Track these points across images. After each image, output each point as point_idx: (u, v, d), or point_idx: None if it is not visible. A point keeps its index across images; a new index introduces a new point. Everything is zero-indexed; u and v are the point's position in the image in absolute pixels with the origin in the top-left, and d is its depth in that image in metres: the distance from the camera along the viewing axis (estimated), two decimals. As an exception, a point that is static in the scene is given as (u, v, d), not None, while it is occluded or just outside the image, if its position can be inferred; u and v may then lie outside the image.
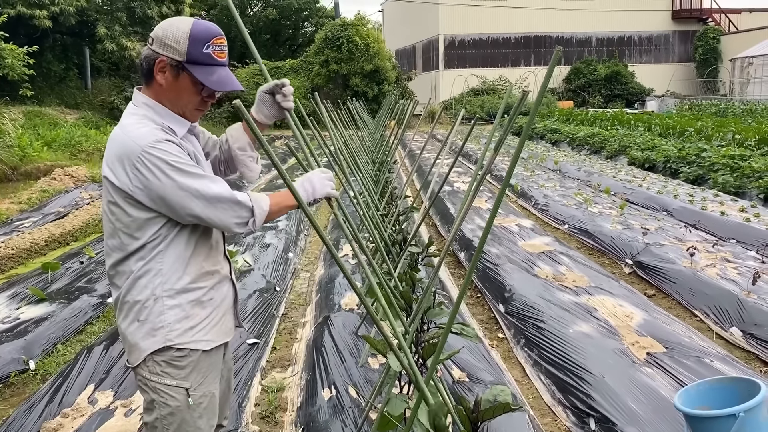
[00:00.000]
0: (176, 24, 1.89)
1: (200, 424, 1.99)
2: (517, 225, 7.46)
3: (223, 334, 2.08)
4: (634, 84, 35.32)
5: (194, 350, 1.96)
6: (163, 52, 1.88)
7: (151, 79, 1.93)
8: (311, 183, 2.01)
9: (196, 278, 1.97)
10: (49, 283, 5.61)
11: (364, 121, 12.30)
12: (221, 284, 2.07)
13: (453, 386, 3.44)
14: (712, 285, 4.95)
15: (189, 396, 1.95)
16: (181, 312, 1.94)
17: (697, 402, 2.61)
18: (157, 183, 1.81)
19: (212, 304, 2.02)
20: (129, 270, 1.92)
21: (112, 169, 1.86)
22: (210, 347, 2.00)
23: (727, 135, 13.73)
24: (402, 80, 30.79)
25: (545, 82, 1.40)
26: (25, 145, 14.62)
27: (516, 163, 1.41)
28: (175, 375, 1.93)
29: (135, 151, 1.81)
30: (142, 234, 1.89)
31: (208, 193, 1.83)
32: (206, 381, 2.01)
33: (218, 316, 2.05)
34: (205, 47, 1.88)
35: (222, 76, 1.92)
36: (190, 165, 1.85)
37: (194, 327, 1.96)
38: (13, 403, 3.68)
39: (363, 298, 1.82)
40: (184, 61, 1.88)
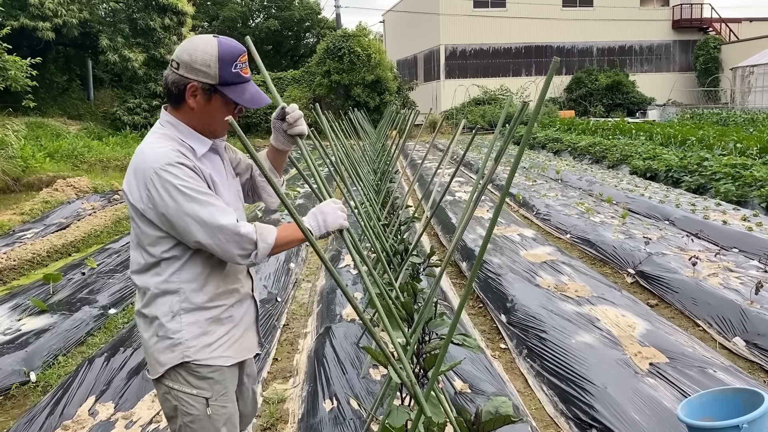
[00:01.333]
0: (202, 47, 1.88)
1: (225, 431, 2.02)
2: (519, 234, 7.45)
3: (244, 350, 2.09)
4: (636, 93, 35.38)
5: (213, 365, 1.98)
6: (193, 77, 1.89)
7: (181, 103, 1.94)
8: (323, 215, 1.98)
9: (215, 296, 1.98)
10: (51, 294, 5.61)
11: (365, 131, 12.31)
12: (242, 302, 2.07)
13: (455, 397, 3.42)
14: (714, 294, 4.93)
15: (209, 406, 1.98)
16: (198, 329, 1.95)
17: (700, 413, 2.60)
18: (163, 205, 1.83)
19: (231, 321, 2.03)
20: (147, 284, 1.95)
21: (129, 184, 1.90)
22: (229, 363, 2.02)
23: (729, 144, 13.73)
24: (403, 90, 30.88)
25: (543, 93, 1.40)
26: (28, 156, 14.67)
27: (515, 172, 1.41)
28: (195, 385, 1.97)
29: (148, 171, 1.83)
30: (156, 250, 1.91)
31: (212, 223, 1.83)
32: (227, 392, 2.04)
33: (238, 333, 2.05)
34: (233, 67, 1.90)
35: (253, 93, 1.95)
36: (199, 191, 1.85)
37: (212, 344, 1.98)
38: (14, 415, 3.67)
39: (360, 313, 1.81)
40: (216, 84, 1.90)
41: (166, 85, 1.95)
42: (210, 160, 2.01)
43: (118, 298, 5.68)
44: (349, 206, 3.09)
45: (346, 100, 27.69)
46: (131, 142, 19.87)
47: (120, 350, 4.25)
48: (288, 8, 40.35)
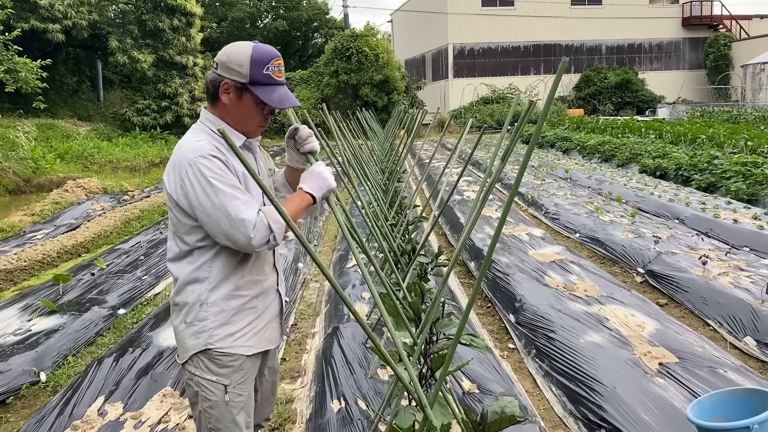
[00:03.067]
0: (238, 49, 2.03)
1: (238, 419, 2.10)
2: (528, 234, 7.43)
3: (266, 341, 2.18)
4: (645, 91, 35.18)
5: (234, 354, 2.08)
6: (227, 76, 2.03)
7: (216, 100, 2.09)
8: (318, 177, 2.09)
9: (240, 286, 2.08)
10: (61, 294, 5.65)
11: (373, 131, 12.31)
12: (266, 294, 2.16)
13: (463, 397, 3.41)
14: (725, 294, 4.89)
15: (227, 393, 2.08)
16: (223, 318, 2.06)
17: (710, 413, 2.58)
18: (194, 194, 1.95)
19: (255, 312, 2.12)
20: (180, 272, 2.08)
21: (167, 174, 2.05)
22: (250, 353, 2.11)
23: (740, 142, 13.63)
24: (411, 90, 30.85)
25: (551, 93, 1.39)
26: (38, 158, 14.78)
27: (524, 172, 1.40)
28: (215, 372, 2.07)
29: (183, 162, 1.98)
30: (190, 239, 2.04)
31: (236, 216, 1.92)
32: (246, 381, 2.13)
33: (261, 324, 2.14)
34: (265, 69, 2.02)
35: (282, 95, 2.06)
36: (227, 183, 1.95)
37: (235, 333, 2.08)
38: (24, 416, 3.69)
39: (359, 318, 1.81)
40: (247, 82, 2.02)
41: (206, 83, 2.10)
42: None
43: (127, 298, 5.70)
44: (357, 206, 3.10)
45: (354, 99, 27.70)
46: (140, 143, 19.97)
47: (129, 350, 4.27)
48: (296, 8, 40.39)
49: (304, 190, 2.07)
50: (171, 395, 3.70)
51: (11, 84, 15.96)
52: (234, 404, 2.09)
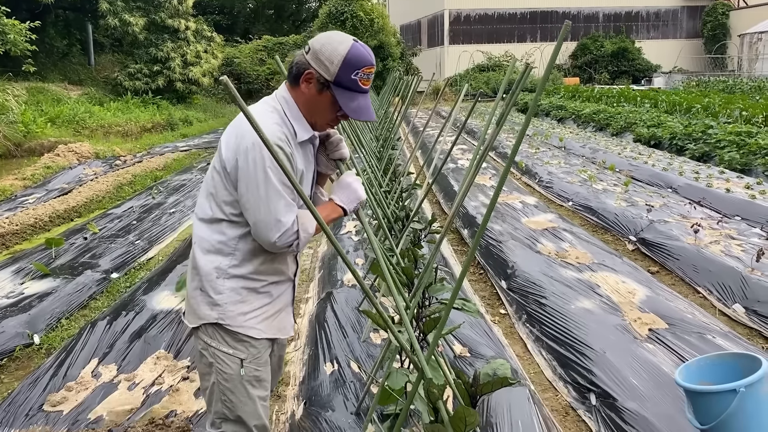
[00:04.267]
0: (335, 44, 1.93)
1: (252, 394, 2.09)
2: (521, 202, 7.44)
3: (276, 328, 2.14)
4: (641, 60, 34.92)
5: (245, 334, 2.06)
6: (315, 66, 1.93)
7: (297, 84, 2.00)
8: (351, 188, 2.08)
9: (260, 270, 2.05)
10: (53, 258, 5.63)
11: (367, 98, 12.20)
12: (282, 283, 2.13)
13: (454, 361, 3.45)
14: (715, 262, 4.93)
15: (243, 367, 2.06)
16: (237, 296, 2.03)
17: (698, 377, 2.61)
18: (246, 175, 1.90)
19: (269, 296, 2.09)
20: (206, 237, 2.03)
21: (228, 137, 1.97)
22: (259, 336, 2.07)
23: (735, 112, 13.61)
24: (407, 56, 30.51)
25: (553, 56, 1.37)
26: (29, 122, 14.60)
27: (522, 140, 1.39)
28: (232, 345, 2.05)
29: (248, 139, 1.89)
30: (226, 209, 1.99)
31: (274, 214, 1.90)
32: (262, 357, 2.11)
33: (272, 310, 2.11)
34: (354, 74, 1.92)
35: (361, 105, 1.97)
36: (281, 180, 1.90)
37: (247, 313, 2.05)
38: (18, 377, 3.71)
39: (358, 276, 1.81)
40: (331, 81, 1.93)
41: (292, 63, 2.02)
42: (305, 149, 2.05)
43: (120, 262, 5.70)
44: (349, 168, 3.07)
45: (349, 66, 27.35)
46: (132, 108, 19.74)
47: (122, 314, 4.28)
48: (290, -28, 39.68)
49: (335, 202, 2.05)
50: (164, 357, 3.73)
51: (0, 46, 15.68)
52: (249, 379, 2.07)
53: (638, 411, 2.91)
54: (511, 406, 2.89)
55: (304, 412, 3.04)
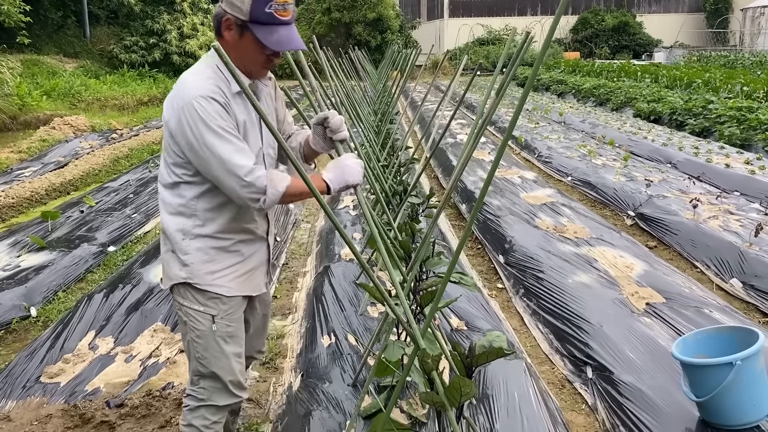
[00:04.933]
0: None
1: (226, 349, 2.10)
2: (520, 177, 7.40)
3: (247, 286, 2.15)
4: (642, 35, 34.58)
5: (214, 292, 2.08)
6: (229, 11, 1.92)
7: (220, 36, 1.99)
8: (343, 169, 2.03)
9: (225, 229, 2.06)
10: (50, 231, 5.61)
11: (366, 71, 12.10)
12: (253, 242, 2.14)
13: (451, 334, 3.45)
14: (714, 237, 4.92)
15: (214, 323, 2.08)
16: (205, 255, 2.06)
17: (695, 351, 2.62)
18: (190, 134, 1.90)
19: (239, 255, 2.10)
20: (169, 201, 2.06)
21: (167, 102, 1.99)
22: (229, 294, 2.09)
23: (736, 87, 13.51)
24: (406, 29, 30.22)
25: (552, 28, 1.33)
26: (24, 94, 14.47)
27: (520, 113, 1.36)
28: (202, 302, 2.08)
29: (183, 99, 1.91)
30: (178, 171, 2.00)
31: (229, 161, 1.88)
32: (234, 312, 2.12)
33: (244, 269, 2.12)
34: (267, 6, 1.88)
35: (282, 36, 1.93)
36: (222, 127, 1.90)
37: (216, 272, 2.07)
38: (15, 349, 3.72)
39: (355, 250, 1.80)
40: (247, 20, 1.90)
41: (213, 18, 2.02)
42: (244, 101, 2.02)
43: (117, 236, 5.68)
44: (349, 147, 3.04)
45: (347, 39, 27.13)
46: (129, 81, 19.58)
47: (119, 287, 4.27)
48: (287, -57, 39.09)
49: (323, 177, 2.01)
50: (162, 330, 3.73)
51: (-7, 17, 15.47)
52: (222, 334, 2.09)
53: (634, 384, 2.92)
54: (507, 378, 2.89)
55: (302, 383, 3.05)
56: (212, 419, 2.14)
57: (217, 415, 2.16)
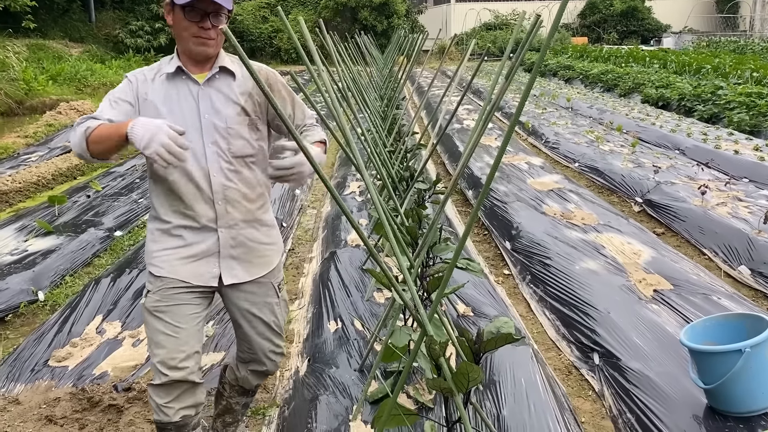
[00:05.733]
0: None
1: (155, 325, 2.08)
2: (527, 163, 7.37)
3: (185, 272, 2.10)
4: (651, 20, 34.23)
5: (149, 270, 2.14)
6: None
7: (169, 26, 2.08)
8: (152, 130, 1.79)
9: (168, 212, 2.10)
10: (56, 216, 5.62)
11: (372, 56, 12.02)
12: (198, 230, 2.10)
13: (458, 320, 3.45)
14: (722, 224, 4.89)
15: (146, 297, 2.13)
16: (151, 235, 2.16)
17: (703, 338, 2.61)
18: None
19: (181, 240, 2.11)
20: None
21: None
22: (158, 274, 2.10)
23: (745, 73, 13.37)
24: (412, 14, 29.99)
25: (560, 11, 1.31)
26: (30, 79, 14.47)
27: (526, 99, 1.34)
28: (149, 280, 2.15)
29: None
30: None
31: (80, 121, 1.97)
32: (166, 290, 2.09)
33: (185, 253, 2.10)
34: None
35: None
36: (110, 97, 2.03)
37: (154, 252, 2.13)
38: (24, 333, 3.74)
39: (362, 235, 1.78)
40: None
41: None
42: (174, 82, 2.06)
43: (123, 221, 5.69)
44: (356, 133, 3.01)
45: (353, 23, 26.95)
46: (134, 65, 19.52)
47: (126, 271, 4.28)
48: (293, -74, 38.78)
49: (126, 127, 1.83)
50: (169, 315, 3.73)
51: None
52: (150, 308, 2.08)
53: (641, 370, 2.91)
54: (514, 364, 2.89)
55: (308, 368, 3.05)
56: (157, 401, 2.04)
57: (162, 396, 2.04)
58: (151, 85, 2.03)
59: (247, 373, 2.35)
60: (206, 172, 2.05)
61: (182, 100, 2.05)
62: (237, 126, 2.08)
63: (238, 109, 2.08)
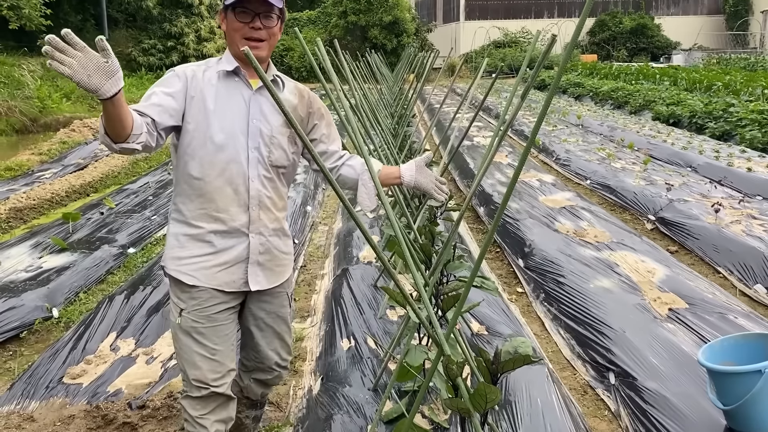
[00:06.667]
0: None
1: (192, 346, 2.06)
2: (538, 180, 7.36)
3: (217, 280, 2.08)
4: (661, 37, 34.28)
5: (178, 279, 2.07)
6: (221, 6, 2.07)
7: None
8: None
9: (196, 216, 2.06)
10: (70, 233, 5.66)
11: (382, 74, 12.10)
12: (230, 234, 2.07)
13: (472, 339, 3.43)
14: (736, 242, 4.85)
15: (180, 316, 2.07)
16: (175, 240, 2.10)
17: (721, 358, 2.58)
18: None
19: (212, 246, 2.07)
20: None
21: None
22: (191, 283, 2.05)
23: (757, 90, 13.34)
24: (421, 32, 30.20)
25: (577, 30, 1.32)
26: (44, 97, 14.64)
27: (543, 118, 1.34)
28: (177, 295, 2.09)
29: None
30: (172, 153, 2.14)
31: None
32: (202, 310, 2.06)
33: (215, 261, 2.07)
34: None
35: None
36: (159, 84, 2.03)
37: (182, 258, 2.07)
38: (38, 349, 3.75)
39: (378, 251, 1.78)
40: (225, 2, 2.01)
41: None
42: (226, 82, 2.07)
43: (136, 237, 5.72)
44: (369, 149, 3.03)
45: (363, 42, 27.16)
46: (147, 83, 19.74)
47: (140, 288, 4.29)
48: (304, -54, 39.27)
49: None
50: (182, 332, 3.74)
51: (15, 21, 15.69)
52: (187, 328, 2.06)
53: (658, 390, 2.88)
54: (530, 384, 2.87)
55: (322, 387, 3.04)
56: (192, 413, 2.07)
57: (198, 408, 2.07)
58: (201, 81, 2.04)
59: (251, 381, 2.37)
60: (246, 176, 2.05)
61: (233, 101, 2.06)
62: (279, 136, 2.11)
63: (283, 120, 2.11)
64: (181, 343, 2.08)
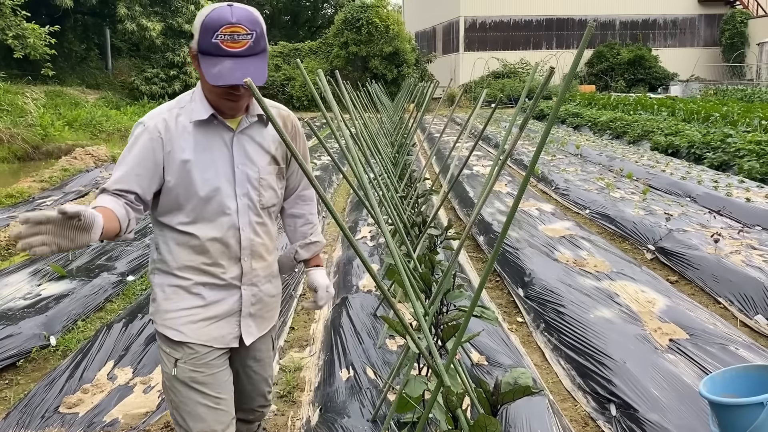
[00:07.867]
0: (202, 12, 1.79)
1: (192, 396, 1.93)
2: (538, 209, 7.38)
3: (206, 335, 1.94)
4: (658, 68, 34.67)
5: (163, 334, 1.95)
6: (192, 43, 1.83)
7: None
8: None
9: (183, 267, 1.92)
10: (70, 260, 5.66)
11: (383, 104, 12.21)
12: (219, 288, 1.95)
13: (472, 369, 3.41)
14: (736, 272, 4.85)
15: (176, 367, 1.93)
16: (162, 292, 1.95)
17: (723, 390, 2.56)
18: None
19: (200, 299, 1.94)
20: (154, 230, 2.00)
21: None
22: (177, 338, 1.92)
23: (754, 120, 13.45)
24: (421, 63, 30.55)
25: (576, 60, 1.34)
26: (47, 125, 14.75)
27: (543, 146, 1.36)
28: (168, 344, 1.95)
29: None
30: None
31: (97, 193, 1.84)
32: (199, 358, 1.94)
33: (204, 314, 1.94)
34: (213, 37, 1.73)
35: (224, 69, 1.74)
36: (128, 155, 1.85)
37: (169, 312, 1.93)
38: (35, 378, 3.72)
39: (378, 280, 1.79)
40: (197, 52, 1.79)
41: None
42: (203, 128, 1.89)
43: (135, 265, 5.71)
44: (369, 178, 3.05)
45: (364, 72, 27.45)
46: (148, 111, 19.94)
47: (138, 316, 4.28)
48: (306, -22, 39.95)
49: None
50: (180, 361, 3.71)
51: (19, 50, 15.88)
52: (185, 379, 1.92)
53: (660, 423, 2.85)
54: (530, 416, 2.84)
55: (320, 418, 3.02)
56: None
57: None
58: (175, 132, 1.86)
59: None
60: (236, 227, 1.92)
61: (214, 148, 1.90)
62: (268, 176, 1.98)
63: (269, 158, 1.99)
64: (180, 395, 1.93)
